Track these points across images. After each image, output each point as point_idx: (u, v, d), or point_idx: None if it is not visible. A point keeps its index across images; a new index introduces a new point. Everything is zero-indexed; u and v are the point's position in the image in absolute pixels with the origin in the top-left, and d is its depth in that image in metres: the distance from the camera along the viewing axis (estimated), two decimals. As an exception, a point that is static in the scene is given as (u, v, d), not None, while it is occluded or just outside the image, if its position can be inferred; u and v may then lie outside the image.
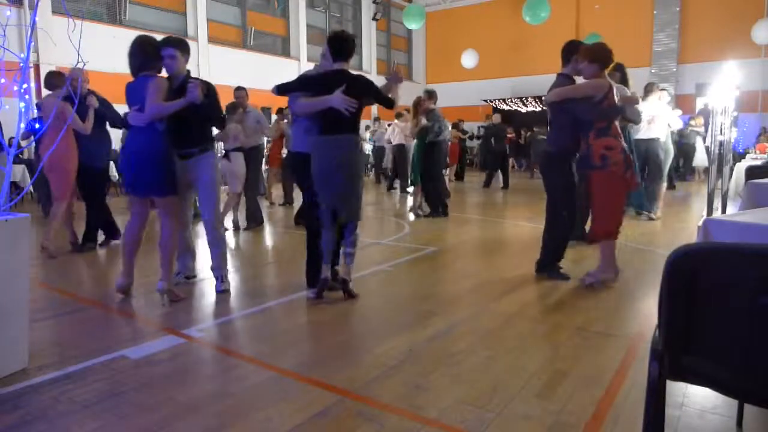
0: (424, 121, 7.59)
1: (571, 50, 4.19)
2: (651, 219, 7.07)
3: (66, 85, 5.02)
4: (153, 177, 3.63)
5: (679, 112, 7.96)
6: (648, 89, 7.11)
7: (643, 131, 6.93)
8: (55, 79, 5.19)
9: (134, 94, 3.67)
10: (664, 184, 7.42)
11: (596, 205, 4.06)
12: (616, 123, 4.05)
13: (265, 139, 7.85)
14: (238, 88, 6.54)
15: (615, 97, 3.99)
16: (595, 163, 3.94)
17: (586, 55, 3.99)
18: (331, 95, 3.56)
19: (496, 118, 13.14)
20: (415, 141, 7.91)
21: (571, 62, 4.19)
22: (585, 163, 4.03)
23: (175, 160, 3.80)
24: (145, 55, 3.68)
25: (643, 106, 6.82)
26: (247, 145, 6.56)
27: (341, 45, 3.71)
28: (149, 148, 3.62)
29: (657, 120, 6.96)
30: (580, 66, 4.05)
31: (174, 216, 3.78)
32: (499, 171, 12.68)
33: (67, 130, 4.90)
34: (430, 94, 7.82)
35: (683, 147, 12.88)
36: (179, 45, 3.81)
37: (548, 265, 4.37)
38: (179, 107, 3.58)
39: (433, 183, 7.90)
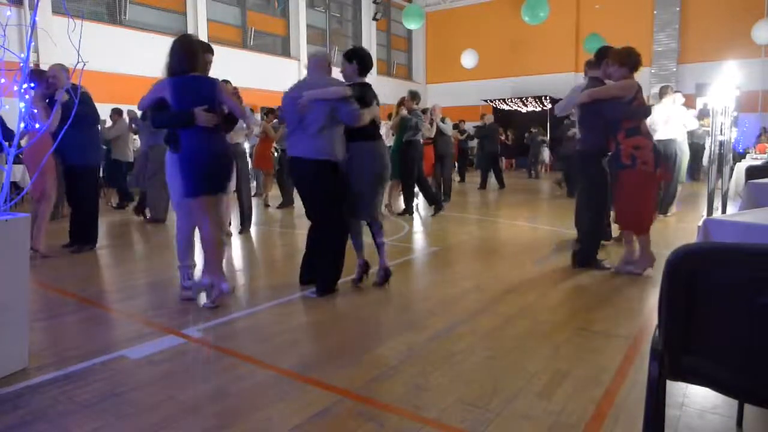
0: (404, 111, 7.64)
1: (603, 55, 4.38)
2: (666, 216, 7.33)
3: (52, 83, 5.00)
4: (228, 174, 3.76)
5: (695, 112, 8.02)
6: (663, 92, 7.27)
7: (659, 132, 7.05)
8: (32, 76, 4.97)
9: (188, 92, 3.50)
10: (680, 186, 7.52)
11: (625, 202, 4.17)
12: (646, 123, 4.18)
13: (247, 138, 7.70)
14: (223, 82, 6.42)
15: (644, 97, 4.11)
16: (624, 162, 4.09)
17: (615, 59, 4.18)
18: (371, 107, 3.84)
19: (488, 119, 13.06)
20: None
21: (602, 66, 4.36)
22: (615, 163, 4.17)
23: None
24: (195, 54, 3.57)
25: (657, 109, 6.99)
26: (233, 141, 6.48)
27: (368, 62, 3.99)
28: (225, 148, 3.71)
29: (671, 121, 7.08)
30: (610, 69, 4.24)
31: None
32: (492, 172, 12.61)
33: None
34: (413, 95, 7.94)
35: (692, 146, 12.91)
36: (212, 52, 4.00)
37: (587, 258, 4.51)
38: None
39: (416, 181, 7.96)
